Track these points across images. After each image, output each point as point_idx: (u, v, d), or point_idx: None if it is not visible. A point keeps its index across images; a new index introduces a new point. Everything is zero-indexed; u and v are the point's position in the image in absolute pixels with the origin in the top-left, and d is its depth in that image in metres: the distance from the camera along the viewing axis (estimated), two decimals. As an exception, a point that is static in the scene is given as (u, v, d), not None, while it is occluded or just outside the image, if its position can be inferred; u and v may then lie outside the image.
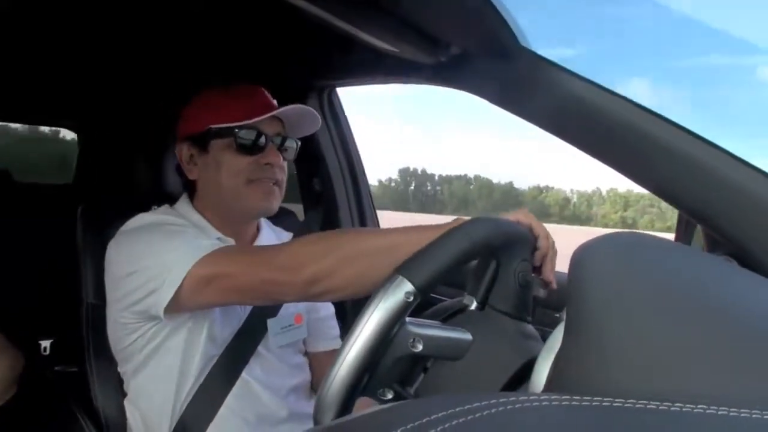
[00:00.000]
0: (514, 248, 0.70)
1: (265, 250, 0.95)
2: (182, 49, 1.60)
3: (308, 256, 0.84)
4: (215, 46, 1.55)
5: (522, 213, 0.78)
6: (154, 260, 0.95)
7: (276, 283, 0.87)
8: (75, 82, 1.98)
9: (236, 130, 1.05)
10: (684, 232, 0.88)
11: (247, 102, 1.08)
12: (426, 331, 0.61)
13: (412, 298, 0.58)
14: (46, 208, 2.03)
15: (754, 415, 0.30)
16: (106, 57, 1.69)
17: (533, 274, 0.74)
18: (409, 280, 0.58)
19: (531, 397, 0.32)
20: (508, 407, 0.31)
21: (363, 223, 1.79)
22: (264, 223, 1.22)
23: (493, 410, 0.30)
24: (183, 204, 1.13)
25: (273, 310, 1.12)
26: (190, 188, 1.14)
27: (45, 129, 2.96)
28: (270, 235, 1.21)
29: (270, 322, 1.11)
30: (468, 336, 0.63)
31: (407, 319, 0.60)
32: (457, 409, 0.30)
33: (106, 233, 1.18)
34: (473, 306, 0.69)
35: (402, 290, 0.58)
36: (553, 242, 0.79)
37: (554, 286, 0.78)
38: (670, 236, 0.94)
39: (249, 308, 1.10)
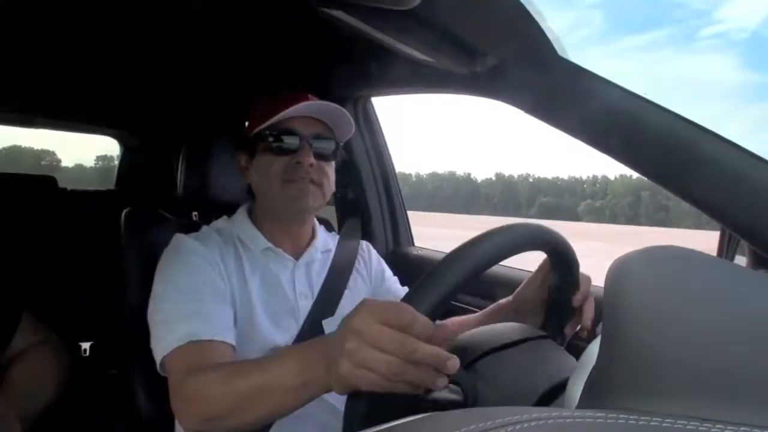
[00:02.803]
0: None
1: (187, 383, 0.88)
2: (222, 60, 1.64)
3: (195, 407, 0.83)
4: (255, 56, 1.58)
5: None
6: (155, 314, 0.97)
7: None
8: (117, 91, 2.04)
9: (268, 131, 1.08)
10: (727, 247, 0.86)
11: (283, 105, 1.08)
12: None
13: None
14: (90, 213, 2.10)
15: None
16: (149, 68, 1.75)
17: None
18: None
19: (564, 413, 0.31)
20: (541, 422, 0.30)
21: (395, 229, 1.79)
22: (320, 228, 1.23)
23: (525, 425, 0.30)
24: (239, 214, 1.17)
25: (329, 310, 1.12)
26: (252, 194, 1.17)
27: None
28: (326, 239, 1.22)
29: (325, 322, 1.10)
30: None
31: None
32: (488, 423, 0.30)
33: (149, 236, 1.23)
34: None
35: None
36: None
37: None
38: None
39: (305, 312, 1.10)
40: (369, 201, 1.75)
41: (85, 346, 1.99)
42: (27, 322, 1.19)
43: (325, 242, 1.21)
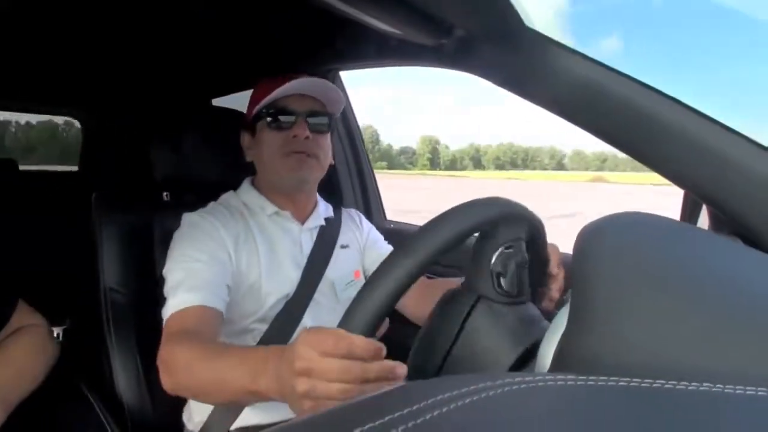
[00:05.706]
0: (510, 227, 0.72)
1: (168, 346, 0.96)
2: (187, 37, 1.59)
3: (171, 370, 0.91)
4: (221, 33, 1.54)
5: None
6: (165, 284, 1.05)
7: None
8: (80, 73, 1.98)
9: (265, 111, 1.16)
10: (689, 212, 0.88)
11: (276, 85, 1.14)
12: None
13: None
14: (52, 195, 2.05)
15: (759, 393, 0.30)
16: (113, 50, 1.70)
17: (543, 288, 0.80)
18: None
19: (536, 377, 0.32)
20: (513, 387, 0.31)
21: (367, 204, 1.79)
22: (320, 200, 1.32)
23: (498, 390, 0.30)
24: (244, 186, 1.25)
25: (323, 264, 1.21)
26: (254, 170, 1.26)
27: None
28: (326, 208, 1.32)
29: (336, 279, 1.21)
30: None
31: None
32: (462, 390, 0.30)
33: (120, 218, 1.22)
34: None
35: None
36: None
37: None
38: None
39: (300, 272, 1.17)
40: (340, 176, 1.74)
41: (57, 331, 1.95)
42: (20, 305, 1.17)
43: (326, 210, 1.31)
